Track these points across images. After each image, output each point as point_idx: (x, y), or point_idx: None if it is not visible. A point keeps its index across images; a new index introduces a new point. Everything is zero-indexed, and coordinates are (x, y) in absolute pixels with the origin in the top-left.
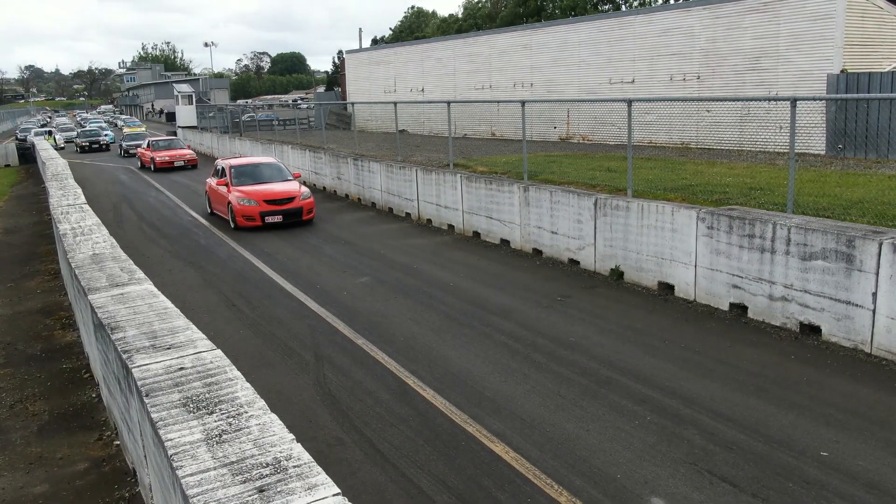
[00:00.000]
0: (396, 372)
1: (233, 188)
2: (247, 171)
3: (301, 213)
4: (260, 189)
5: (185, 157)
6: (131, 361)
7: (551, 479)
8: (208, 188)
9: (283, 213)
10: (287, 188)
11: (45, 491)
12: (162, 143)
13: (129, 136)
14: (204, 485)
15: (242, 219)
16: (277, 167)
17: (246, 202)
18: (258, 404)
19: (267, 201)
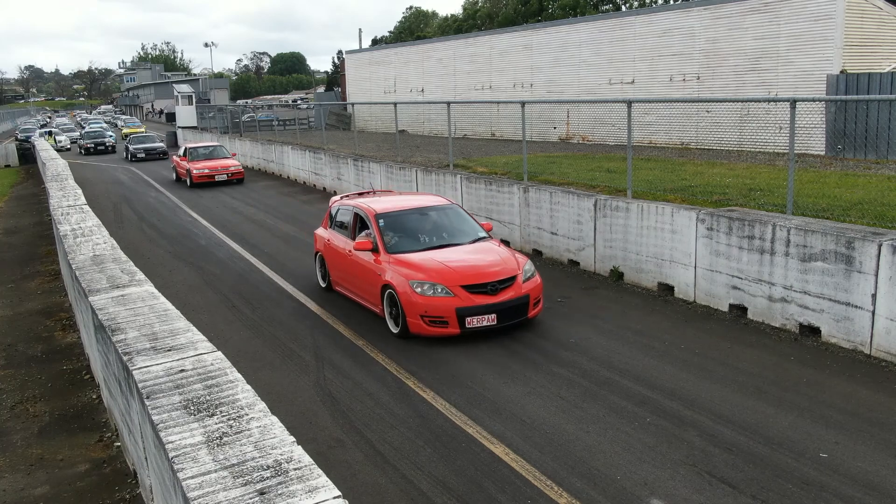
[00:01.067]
0: (396, 373)
1: (392, 258)
2: (407, 222)
3: (526, 307)
4: (451, 263)
5: (230, 169)
6: (132, 363)
7: (551, 480)
8: (327, 248)
9: (500, 309)
10: (493, 258)
11: (45, 492)
12: (202, 150)
13: (137, 138)
14: (205, 487)
15: (424, 322)
16: (456, 213)
17: (430, 290)
18: (259, 406)
19: (469, 287)
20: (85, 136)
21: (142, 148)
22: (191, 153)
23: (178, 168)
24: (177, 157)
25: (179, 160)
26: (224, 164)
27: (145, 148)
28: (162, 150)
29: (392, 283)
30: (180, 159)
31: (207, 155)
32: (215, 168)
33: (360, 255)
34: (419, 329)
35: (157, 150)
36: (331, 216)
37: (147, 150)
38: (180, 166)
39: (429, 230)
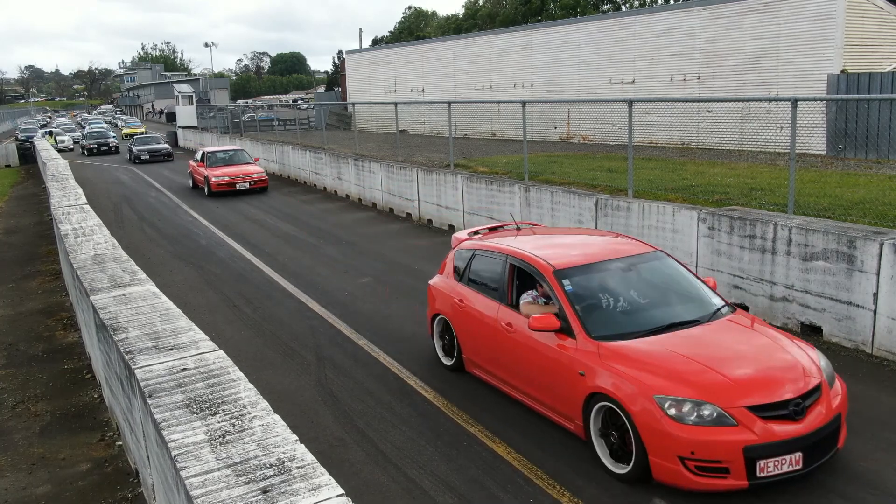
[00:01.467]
0: (398, 372)
1: (603, 347)
2: (609, 282)
3: (837, 433)
4: (716, 363)
5: (252, 176)
6: (134, 362)
7: (553, 479)
8: (458, 313)
9: (808, 444)
10: (778, 353)
11: (47, 491)
12: (221, 155)
13: (141, 138)
14: (208, 485)
15: (687, 468)
16: (671, 267)
17: (694, 414)
18: (261, 405)
19: (759, 409)
20: (88, 136)
21: (146, 149)
22: (209, 158)
23: (195, 175)
24: (194, 163)
25: (196, 166)
26: (246, 171)
27: (150, 149)
28: (167, 152)
29: (613, 393)
30: (197, 165)
31: (227, 160)
32: (236, 175)
33: (534, 336)
34: (676, 478)
35: (162, 151)
36: (459, 266)
37: (151, 152)
38: (197, 173)
39: (642, 299)
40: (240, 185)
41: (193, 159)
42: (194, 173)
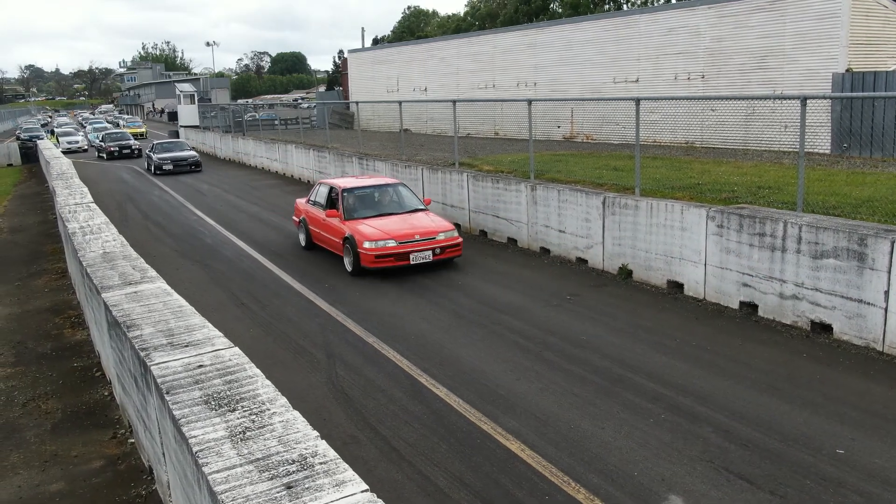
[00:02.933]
0: (408, 370)
1: None
2: None
3: None
4: None
5: (437, 238)
6: (150, 359)
7: (568, 476)
8: None
9: None
10: None
11: (61, 489)
12: (366, 194)
13: (163, 145)
14: (231, 481)
15: None
16: None
17: None
18: (280, 401)
19: None
20: (107, 137)
21: (169, 158)
22: (346, 201)
23: (313, 227)
24: (311, 207)
25: (316, 212)
26: (425, 229)
27: (174, 158)
28: (194, 161)
29: (353, 236)
30: (321, 212)
31: (379, 204)
32: (407, 237)
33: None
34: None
35: (188, 160)
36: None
37: (176, 161)
38: (321, 225)
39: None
40: (417, 257)
41: (310, 200)
42: (313, 224)
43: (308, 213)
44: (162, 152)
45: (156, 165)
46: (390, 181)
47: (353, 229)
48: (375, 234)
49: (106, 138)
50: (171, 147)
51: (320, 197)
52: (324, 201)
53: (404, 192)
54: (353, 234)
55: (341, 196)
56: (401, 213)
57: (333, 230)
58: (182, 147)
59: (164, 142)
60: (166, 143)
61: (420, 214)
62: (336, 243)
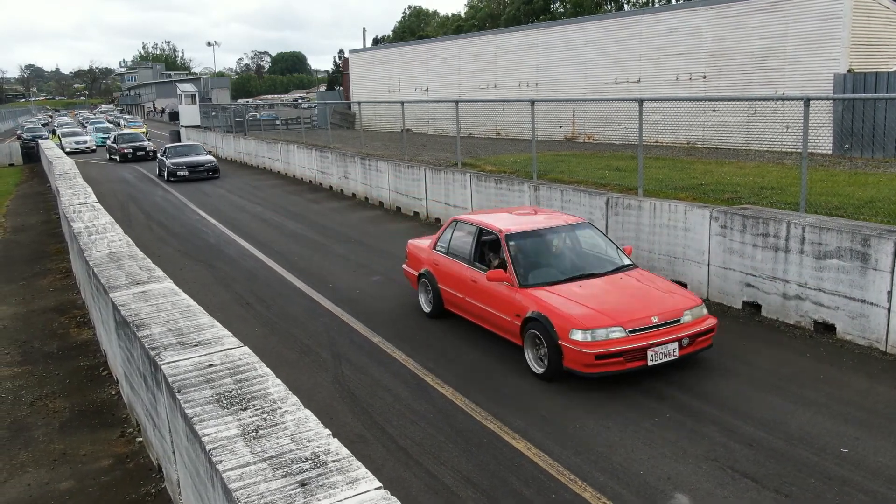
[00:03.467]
0: (414, 370)
1: None
2: None
3: None
4: None
5: (685, 325)
6: (160, 358)
7: (574, 475)
8: None
9: None
10: None
11: (71, 487)
12: (545, 241)
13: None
14: (245, 479)
15: None
16: None
17: None
18: (291, 400)
19: None
20: (119, 138)
21: (184, 163)
22: (517, 255)
23: (452, 288)
24: (439, 255)
25: (460, 270)
26: (662, 306)
27: (189, 164)
28: (212, 167)
29: None
30: (475, 273)
31: (565, 257)
32: (641, 320)
33: None
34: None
35: (206, 165)
36: None
37: (192, 167)
38: (472, 290)
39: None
40: (657, 355)
41: (441, 246)
42: (452, 286)
43: (440, 268)
44: (176, 157)
45: (169, 171)
46: (571, 219)
47: (542, 304)
48: (587, 315)
49: (119, 139)
50: (185, 151)
51: (461, 243)
52: (469, 251)
53: (595, 236)
54: (545, 314)
55: (506, 247)
56: (603, 272)
57: (498, 301)
58: (198, 151)
59: (179, 145)
60: (181, 147)
61: (633, 275)
62: (504, 323)
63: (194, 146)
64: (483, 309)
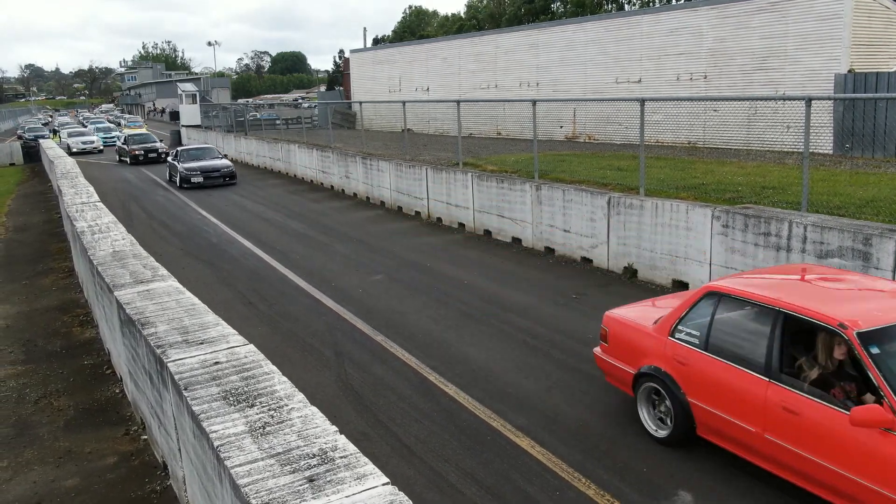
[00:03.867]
0: (417, 368)
1: None
2: None
3: None
4: None
5: None
6: (166, 356)
7: (578, 472)
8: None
9: None
10: None
11: (76, 484)
12: None
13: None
14: (254, 475)
15: None
16: None
17: None
18: (298, 397)
19: None
20: (130, 139)
21: (198, 168)
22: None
23: (731, 414)
24: (700, 354)
25: (756, 390)
26: None
27: (203, 168)
28: (228, 171)
29: None
30: (807, 406)
31: None
32: None
33: None
34: None
35: (222, 170)
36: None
37: (206, 172)
38: (795, 432)
39: None
40: None
41: (697, 339)
42: (731, 411)
43: (690, 369)
44: (189, 161)
45: (182, 177)
46: None
47: None
48: None
49: (129, 140)
50: (199, 154)
51: (738, 333)
52: (763, 351)
53: None
54: None
55: (867, 355)
56: None
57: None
58: (212, 154)
59: (192, 148)
60: (193, 150)
61: None
62: None
63: (208, 149)
64: (821, 466)
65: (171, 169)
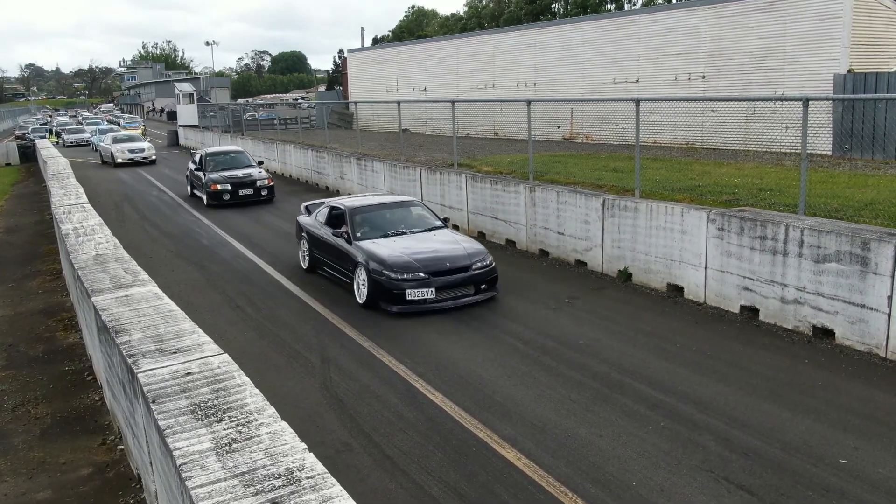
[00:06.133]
0: (404, 375)
1: None
2: None
3: None
4: None
5: None
6: (137, 366)
7: (565, 486)
8: None
9: None
10: None
11: (48, 497)
12: None
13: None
14: (214, 496)
15: None
16: None
17: None
18: (268, 412)
19: None
20: (211, 162)
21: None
22: None
23: None
24: None
25: None
26: None
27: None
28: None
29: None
30: None
31: None
32: None
33: None
34: None
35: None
36: None
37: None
38: None
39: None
40: None
41: None
42: None
43: None
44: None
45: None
46: None
47: None
48: None
49: (214, 165)
50: (230, 163)
51: None
52: None
53: None
54: None
55: None
56: None
57: None
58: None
59: (218, 153)
60: (221, 156)
61: None
62: None
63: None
64: None
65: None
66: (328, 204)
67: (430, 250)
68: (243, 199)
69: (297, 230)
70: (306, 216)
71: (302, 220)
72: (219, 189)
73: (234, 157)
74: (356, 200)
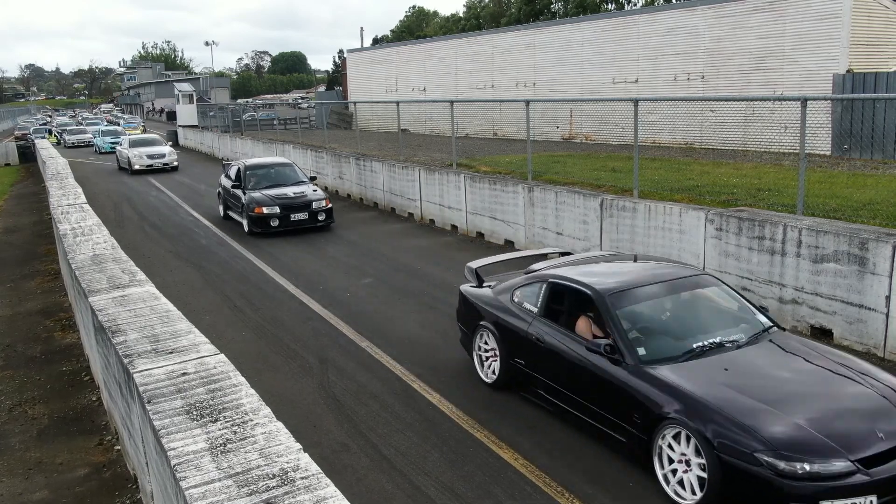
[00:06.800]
0: (402, 375)
1: None
2: None
3: None
4: None
5: None
6: (133, 366)
7: (562, 486)
8: None
9: None
10: None
11: (44, 497)
12: None
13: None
14: (208, 497)
15: None
16: None
17: None
18: (263, 412)
19: None
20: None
21: (280, 199)
22: None
23: None
24: None
25: None
26: None
27: (289, 201)
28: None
29: None
30: None
31: None
32: None
33: None
34: None
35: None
36: None
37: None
38: None
39: None
40: None
41: None
42: None
43: None
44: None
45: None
46: None
47: None
48: None
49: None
50: (275, 178)
51: None
52: None
53: None
54: None
55: None
56: None
57: None
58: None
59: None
60: (264, 169)
61: None
62: None
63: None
64: None
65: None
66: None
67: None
68: (296, 225)
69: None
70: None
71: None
72: (265, 213)
73: (281, 170)
74: None
